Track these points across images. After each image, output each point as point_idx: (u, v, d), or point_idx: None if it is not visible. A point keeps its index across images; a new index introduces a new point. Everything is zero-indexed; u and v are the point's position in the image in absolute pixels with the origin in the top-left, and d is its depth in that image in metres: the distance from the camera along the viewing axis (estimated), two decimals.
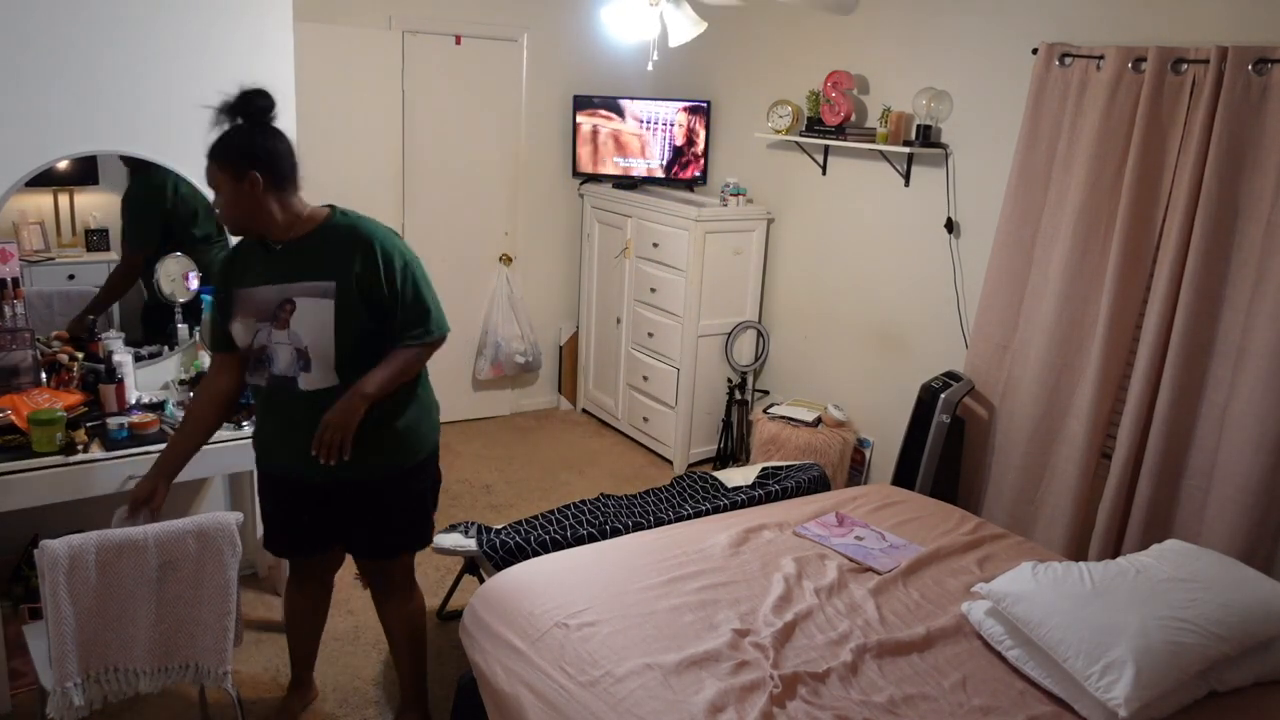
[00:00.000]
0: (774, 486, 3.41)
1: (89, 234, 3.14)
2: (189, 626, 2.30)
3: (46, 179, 3.00)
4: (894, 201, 4.15)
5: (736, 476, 3.57)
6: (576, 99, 5.16)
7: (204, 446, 2.54)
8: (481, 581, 2.93)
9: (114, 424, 2.79)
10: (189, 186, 3.20)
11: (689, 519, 3.11)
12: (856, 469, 4.42)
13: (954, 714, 2.14)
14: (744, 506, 3.24)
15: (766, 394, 4.97)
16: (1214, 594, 2.30)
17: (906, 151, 3.93)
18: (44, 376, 2.95)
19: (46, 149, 2.96)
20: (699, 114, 5.00)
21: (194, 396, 2.63)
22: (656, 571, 2.60)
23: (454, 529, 3.10)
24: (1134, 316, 3.28)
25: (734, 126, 5.02)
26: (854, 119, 4.25)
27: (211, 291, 2.54)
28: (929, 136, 3.88)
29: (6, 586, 3.08)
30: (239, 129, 2.28)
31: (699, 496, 3.39)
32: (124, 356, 3.02)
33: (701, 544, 2.78)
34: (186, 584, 2.27)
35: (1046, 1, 3.47)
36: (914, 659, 2.33)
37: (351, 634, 3.27)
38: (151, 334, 3.32)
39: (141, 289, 3.30)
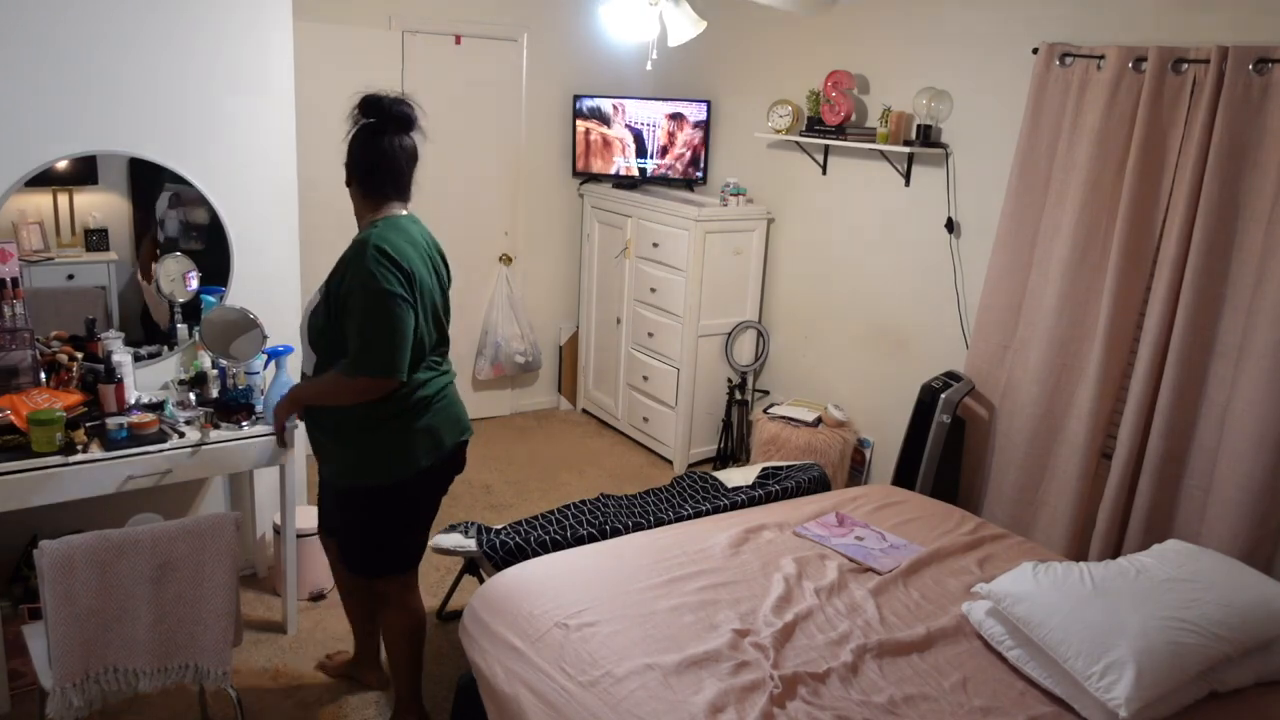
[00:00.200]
0: (774, 487, 3.41)
1: (88, 234, 3.14)
2: (189, 626, 2.30)
3: (46, 179, 3.00)
4: (894, 201, 4.15)
5: (736, 477, 3.57)
6: (576, 99, 5.16)
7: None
8: (481, 582, 2.93)
9: (113, 424, 2.79)
10: None
11: (689, 519, 3.11)
12: (857, 469, 4.42)
13: (954, 714, 2.14)
14: (744, 507, 3.24)
15: (766, 394, 4.96)
16: (1215, 594, 2.30)
17: (907, 151, 3.93)
18: (43, 376, 2.95)
19: (46, 149, 2.96)
20: (699, 114, 5.00)
21: None
22: (656, 572, 2.60)
23: (454, 529, 3.09)
24: (1134, 316, 3.27)
25: (734, 126, 5.02)
26: (854, 119, 4.25)
27: None
28: (929, 136, 3.88)
29: (6, 587, 3.08)
30: (357, 131, 2.48)
31: (699, 497, 3.39)
32: (123, 356, 3.01)
33: (701, 544, 2.78)
34: (186, 584, 2.27)
35: (1047, 1, 3.46)
36: (914, 659, 2.33)
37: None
38: (151, 334, 3.31)
39: (142, 294, 3.30)
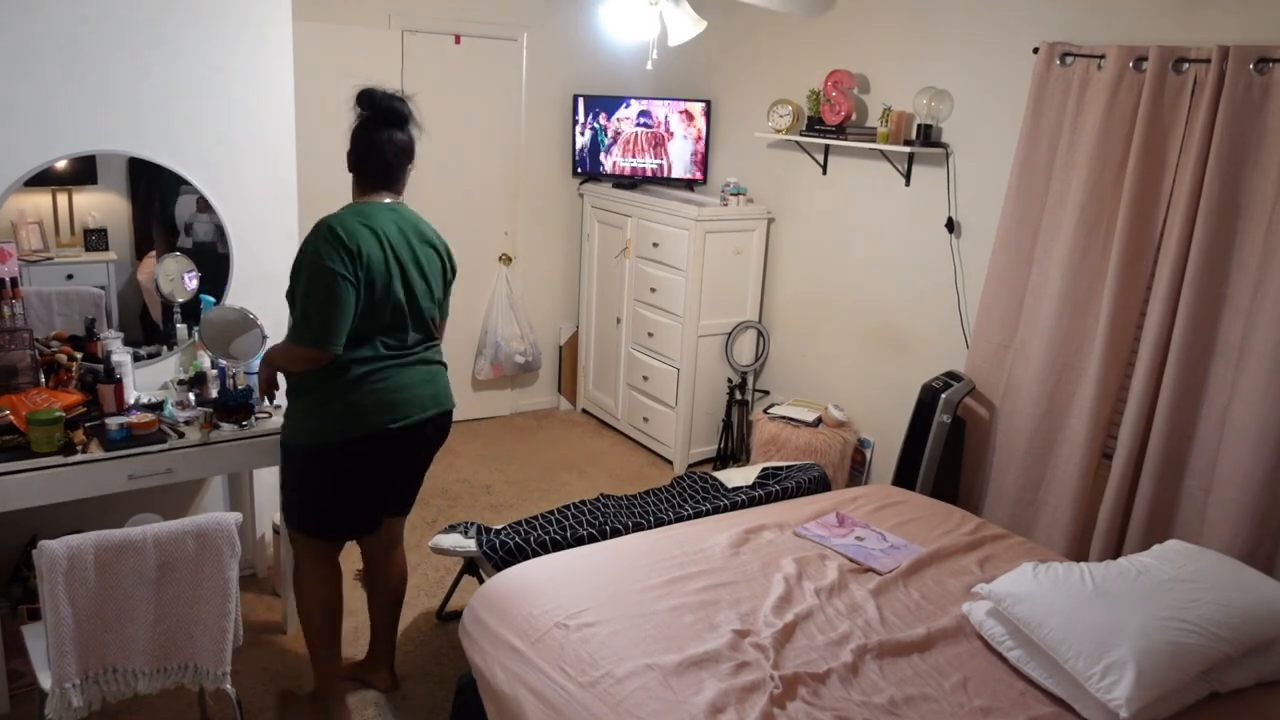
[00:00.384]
0: (774, 487, 3.41)
1: (87, 234, 3.13)
2: (188, 627, 2.29)
3: (45, 179, 2.99)
4: (894, 201, 4.15)
5: (737, 477, 3.56)
6: (576, 98, 5.15)
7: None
8: (481, 582, 2.92)
9: (113, 424, 2.78)
10: None
11: (689, 519, 3.11)
12: (857, 469, 4.42)
13: (955, 715, 2.14)
14: (744, 507, 3.23)
15: (767, 394, 4.96)
16: (1215, 594, 2.29)
17: (907, 151, 3.93)
18: (42, 377, 2.94)
19: (45, 148, 2.95)
20: (699, 113, 5.00)
21: None
22: (656, 572, 2.60)
23: (454, 529, 3.09)
24: (1135, 316, 3.27)
25: (734, 126, 5.02)
26: (854, 118, 4.25)
27: None
28: (930, 136, 3.88)
29: (5, 587, 3.07)
30: (356, 123, 2.69)
31: (699, 497, 3.39)
32: (123, 356, 3.01)
33: (702, 544, 2.78)
34: (185, 584, 2.26)
35: (1047, 1, 3.46)
36: (914, 659, 2.33)
37: (351, 635, 3.27)
38: (150, 334, 3.31)
39: (140, 293, 3.29)
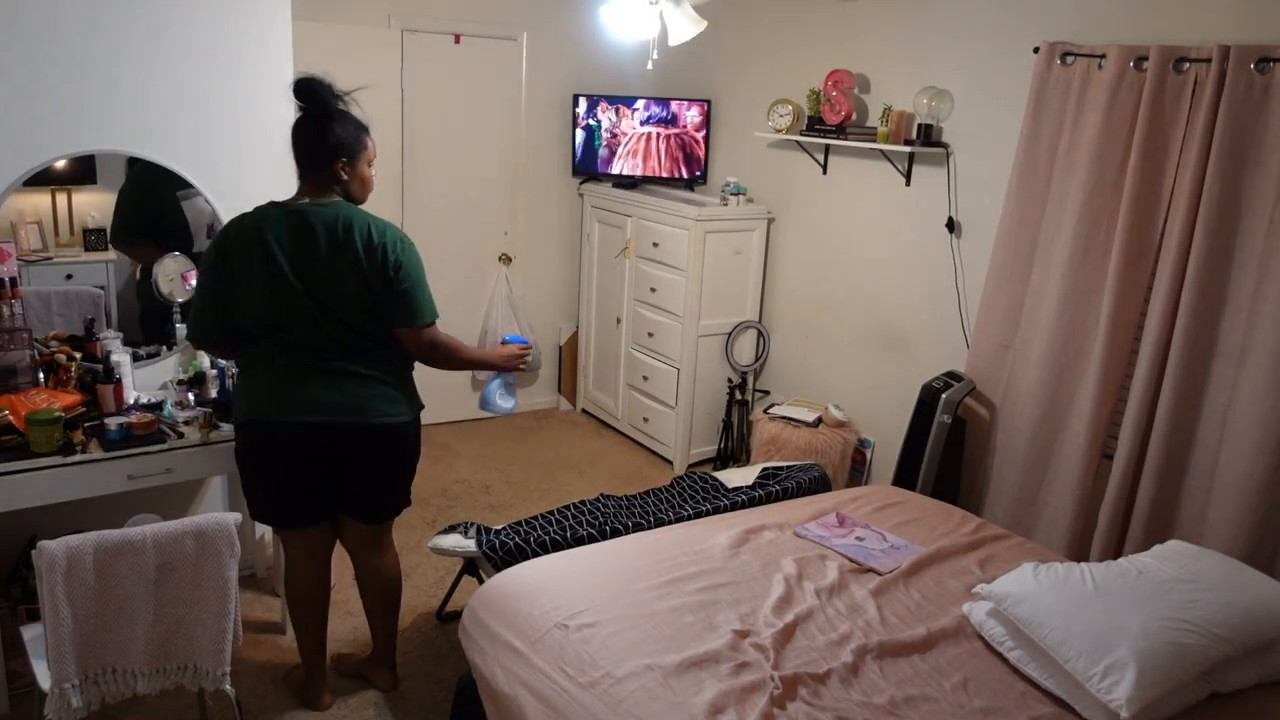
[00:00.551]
0: (774, 487, 3.40)
1: (87, 234, 3.13)
2: (187, 627, 2.29)
3: (44, 178, 2.99)
4: (895, 201, 4.14)
5: (737, 477, 3.56)
6: (576, 98, 5.15)
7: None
8: (481, 582, 2.92)
9: (112, 424, 2.78)
10: None
11: (689, 519, 3.11)
12: (857, 469, 4.41)
13: (955, 715, 2.13)
14: (744, 507, 3.23)
15: (767, 394, 4.96)
16: (1216, 595, 2.29)
17: (907, 151, 3.92)
18: (42, 377, 2.94)
19: (44, 148, 2.95)
20: (699, 113, 4.99)
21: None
22: (656, 572, 2.59)
23: (453, 529, 3.08)
24: (1136, 316, 3.27)
25: (734, 125, 5.01)
26: (855, 118, 4.24)
27: None
28: (930, 136, 3.87)
29: (4, 587, 3.07)
30: None
31: (699, 497, 3.38)
32: (122, 356, 3.01)
33: (702, 545, 2.77)
34: (185, 584, 2.26)
35: (1048, 0, 3.46)
36: (915, 660, 2.33)
37: (350, 635, 3.27)
38: (150, 334, 3.31)
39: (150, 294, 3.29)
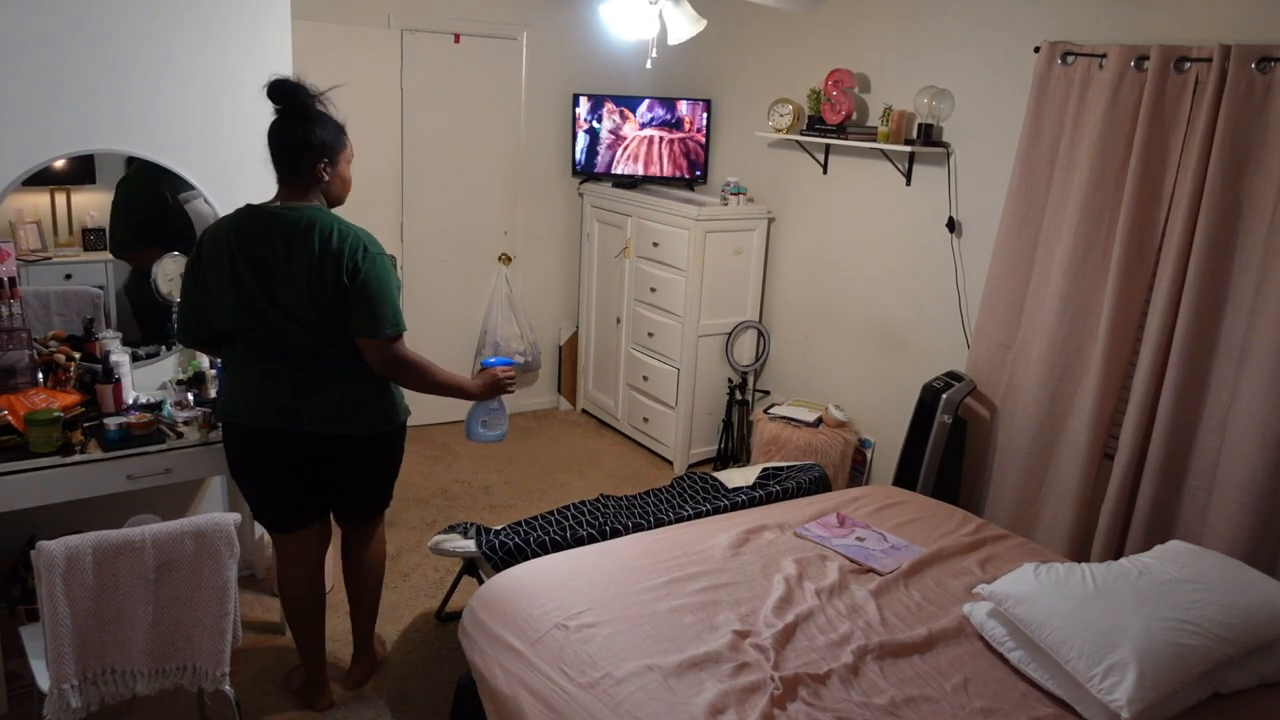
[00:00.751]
0: (775, 487, 3.40)
1: (86, 233, 3.12)
2: (187, 628, 2.29)
3: (43, 178, 2.98)
4: (895, 200, 4.14)
5: (737, 477, 3.56)
6: (576, 97, 5.15)
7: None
8: (480, 583, 2.92)
9: (111, 424, 2.78)
10: None
11: (689, 520, 3.10)
12: (858, 470, 4.41)
13: (955, 716, 2.13)
14: (744, 507, 3.23)
15: (767, 394, 4.95)
16: (1217, 595, 2.29)
17: (908, 150, 3.92)
18: (41, 376, 2.94)
19: (43, 148, 2.95)
20: (699, 112, 4.99)
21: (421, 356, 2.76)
22: (656, 573, 2.59)
23: (453, 530, 3.08)
24: (1137, 316, 3.26)
25: (735, 125, 5.01)
26: (855, 118, 4.24)
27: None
28: (930, 135, 3.87)
29: (3, 588, 3.07)
30: None
31: (699, 497, 3.38)
32: (121, 356, 3.01)
33: (702, 545, 2.77)
34: (184, 585, 2.26)
35: (1048, 0, 3.45)
36: (915, 660, 2.32)
37: (350, 634, 3.25)
38: (149, 334, 3.30)
39: (139, 293, 3.28)
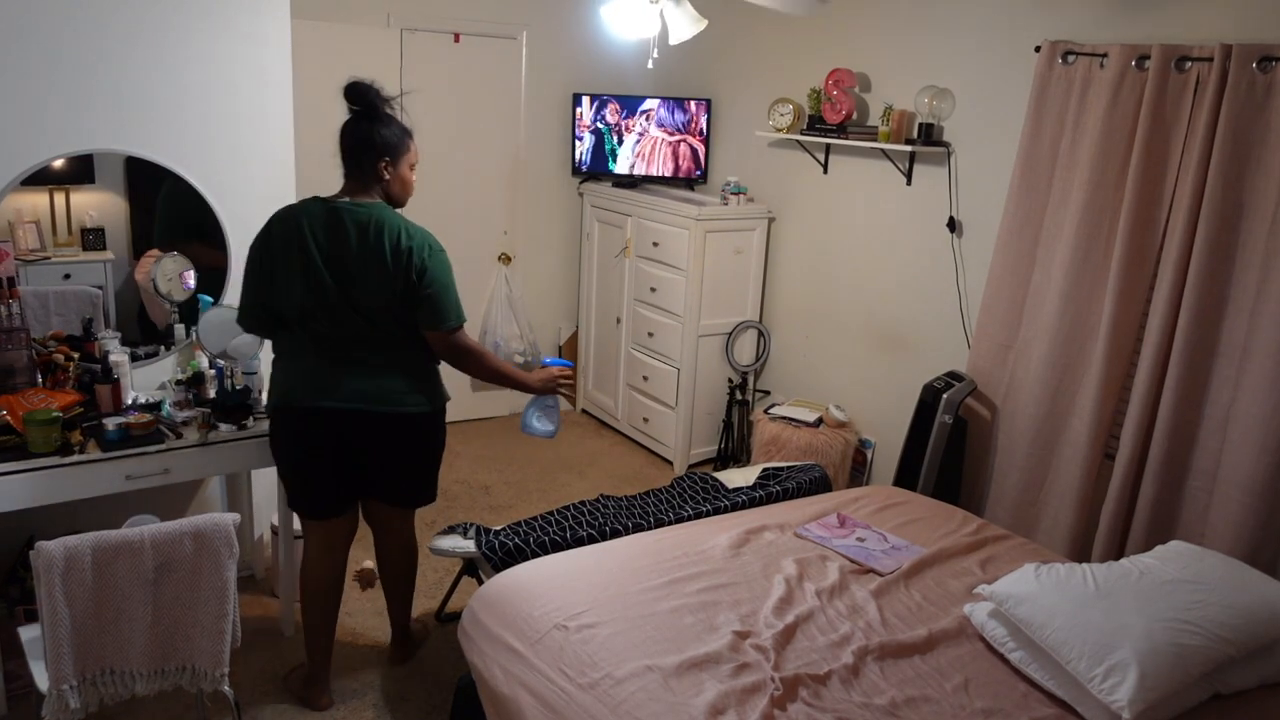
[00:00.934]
0: (775, 487, 3.39)
1: (85, 233, 3.12)
2: (186, 628, 2.28)
3: (42, 178, 2.98)
4: (896, 200, 4.14)
5: (737, 477, 3.55)
6: (576, 97, 5.14)
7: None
8: (480, 583, 2.91)
9: (110, 424, 2.77)
10: None
11: (689, 520, 3.10)
12: (858, 470, 4.41)
13: (956, 716, 2.13)
14: (745, 508, 3.22)
15: (767, 394, 4.95)
16: (1218, 596, 2.28)
17: (908, 150, 3.91)
18: (40, 377, 2.93)
19: (42, 147, 2.94)
20: (700, 112, 4.98)
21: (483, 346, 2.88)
22: (656, 573, 2.59)
23: (453, 530, 3.07)
24: (1138, 316, 3.26)
25: (735, 125, 5.01)
26: (855, 117, 4.23)
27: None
28: (931, 135, 3.86)
29: (2, 588, 3.06)
30: None
31: (699, 498, 3.37)
32: (120, 356, 3.00)
33: (702, 545, 2.77)
34: (183, 586, 2.25)
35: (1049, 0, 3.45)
36: (916, 661, 2.32)
37: (350, 634, 3.26)
38: (148, 334, 3.30)
39: (138, 293, 3.28)
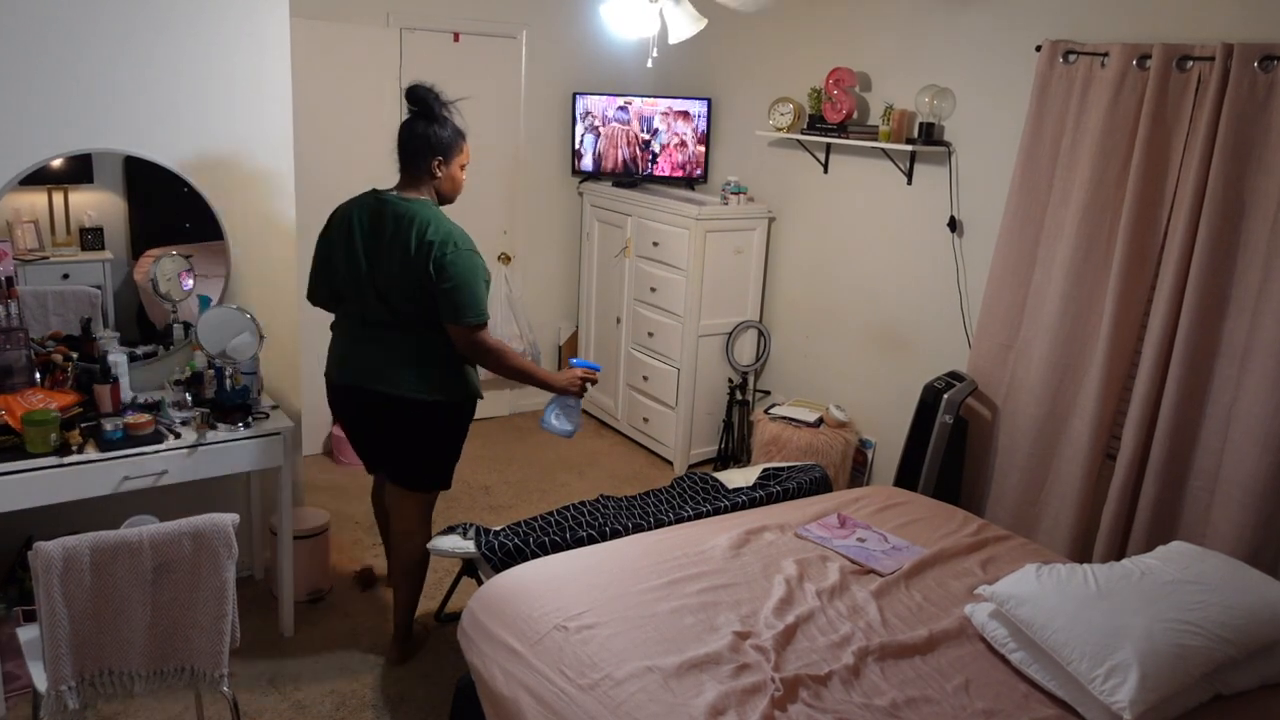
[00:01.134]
0: (775, 488, 3.39)
1: (83, 233, 3.11)
2: (184, 629, 2.27)
3: (40, 177, 2.97)
4: (896, 200, 4.13)
5: (737, 478, 3.54)
6: (576, 96, 5.13)
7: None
8: (480, 584, 2.90)
9: (109, 425, 2.77)
10: None
11: (689, 520, 3.09)
12: (858, 470, 4.40)
13: (957, 717, 2.12)
14: (745, 508, 3.22)
15: (768, 394, 4.94)
16: (1220, 596, 2.28)
17: (909, 149, 3.91)
18: (38, 377, 2.93)
19: (41, 147, 2.93)
20: (700, 111, 4.98)
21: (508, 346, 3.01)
22: (657, 573, 2.58)
23: (452, 530, 3.07)
24: (1139, 316, 3.25)
25: (735, 124, 5.00)
26: (856, 117, 4.23)
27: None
28: (932, 134, 3.86)
29: (0, 589, 3.06)
30: None
31: (699, 498, 3.37)
32: (119, 356, 2.99)
33: (702, 546, 2.76)
34: (182, 586, 2.25)
35: None
36: (916, 662, 2.31)
37: (349, 635, 3.25)
38: (147, 334, 3.29)
39: (137, 293, 3.27)
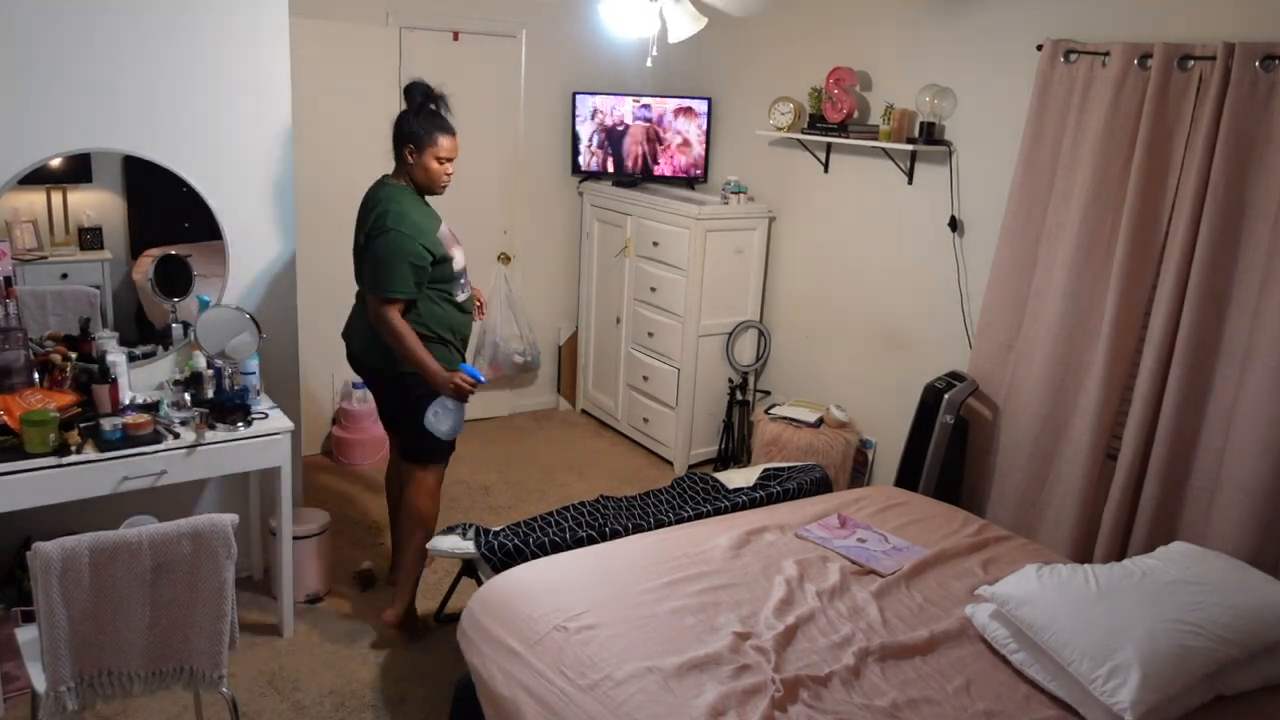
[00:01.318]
0: (775, 488, 3.38)
1: (82, 232, 3.11)
2: (183, 629, 2.27)
3: (39, 177, 2.97)
4: (897, 199, 4.12)
5: (737, 478, 3.54)
6: (576, 96, 5.13)
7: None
8: (479, 584, 2.90)
9: (108, 425, 2.76)
10: None
11: (689, 521, 3.09)
12: (859, 470, 4.39)
13: (957, 718, 2.12)
14: (745, 508, 3.21)
15: (768, 394, 4.94)
16: (1221, 597, 2.28)
17: (910, 149, 3.90)
18: (37, 377, 2.92)
19: (39, 146, 2.93)
20: (700, 111, 4.97)
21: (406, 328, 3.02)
22: (657, 574, 2.58)
23: (452, 531, 3.06)
24: (1140, 316, 3.25)
25: (735, 124, 4.99)
26: (856, 116, 4.22)
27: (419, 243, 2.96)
28: (932, 134, 3.85)
29: None
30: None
31: (699, 498, 3.36)
32: (118, 356, 2.99)
33: (702, 546, 2.76)
34: (181, 586, 2.24)
35: None
36: (917, 662, 2.31)
37: (349, 636, 3.25)
38: (146, 334, 3.29)
39: (136, 293, 3.27)
